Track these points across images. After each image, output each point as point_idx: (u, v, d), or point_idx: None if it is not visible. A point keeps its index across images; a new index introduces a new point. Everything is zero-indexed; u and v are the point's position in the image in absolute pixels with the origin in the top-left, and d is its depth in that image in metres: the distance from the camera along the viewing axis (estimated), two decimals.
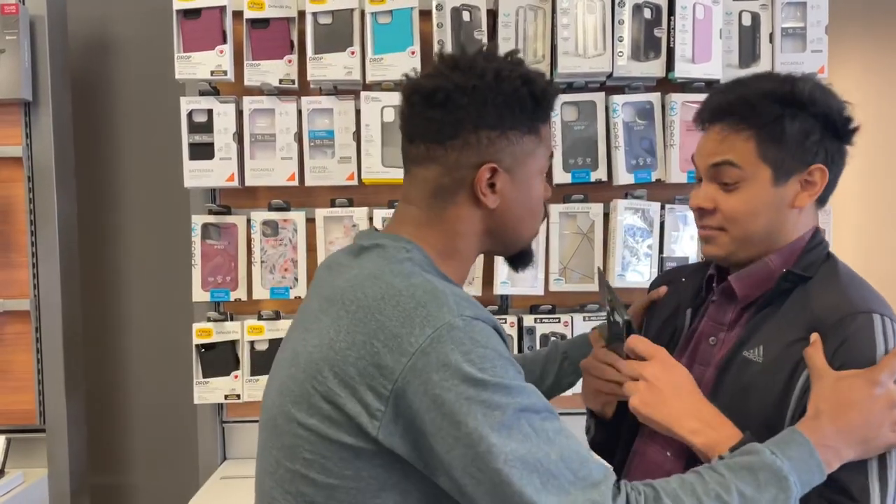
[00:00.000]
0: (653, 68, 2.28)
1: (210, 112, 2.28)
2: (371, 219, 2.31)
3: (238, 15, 2.28)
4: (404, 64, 2.23)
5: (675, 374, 1.14)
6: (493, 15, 2.29)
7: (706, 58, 2.26)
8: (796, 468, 0.99)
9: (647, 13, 2.27)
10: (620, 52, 2.25)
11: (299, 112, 2.30)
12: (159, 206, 2.72)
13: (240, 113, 2.30)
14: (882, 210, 3.02)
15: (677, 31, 2.25)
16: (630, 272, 2.31)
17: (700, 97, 2.24)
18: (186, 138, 2.27)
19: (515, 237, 1.18)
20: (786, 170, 1.16)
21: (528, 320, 2.33)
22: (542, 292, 2.32)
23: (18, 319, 2.38)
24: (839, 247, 1.76)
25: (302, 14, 2.27)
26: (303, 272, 2.31)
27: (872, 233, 3.00)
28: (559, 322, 2.33)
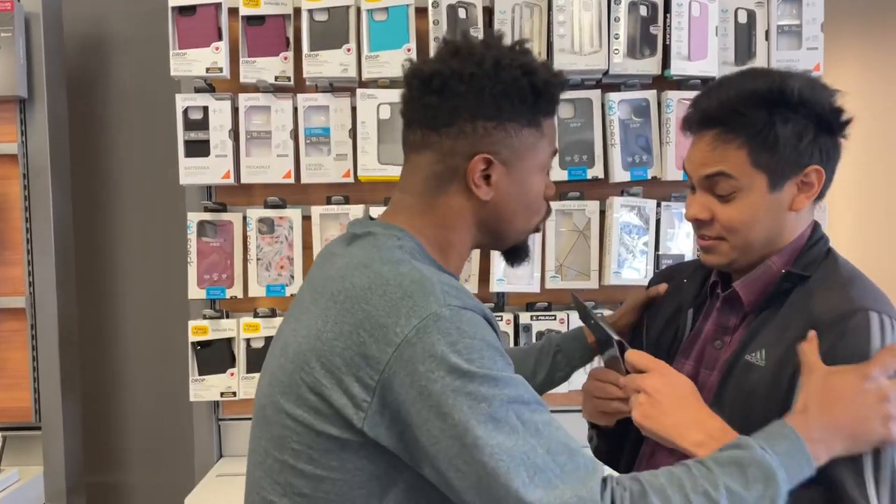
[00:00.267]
0: (649, 66, 2.28)
1: (206, 109, 2.27)
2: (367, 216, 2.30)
3: (234, 12, 2.28)
4: (400, 61, 2.21)
5: (677, 385, 1.12)
6: (489, 12, 2.29)
7: (702, 55, 2.26)
8: (785, 463, 0.98)
9: (643, 10, 2.27)
10: (616, 50, 2.25)
11: (295, 109, 2.30)
12: (155, 204, 2.72)
13: (235, 110, 2.30)
14: (878, 206, 3.03)
15: (673, 29, 2.25)
16: (626, 269, 2.31)
17: (696, 94, 2.25)
18: (182, 135, 2.27)
19: (508, 232, 1.15)
20: (781, 175, 1.13)
21: (525, 317, 2.32)
22: (539, 289, 2.32)
23: (14, 317, 2.37)
24: (836, 243, 1.76)
25: (298, 11, 2.27)
26: (299, 270, 2.31)
27: (869, 229, 3.01)
28: (555, 319, 2.32)
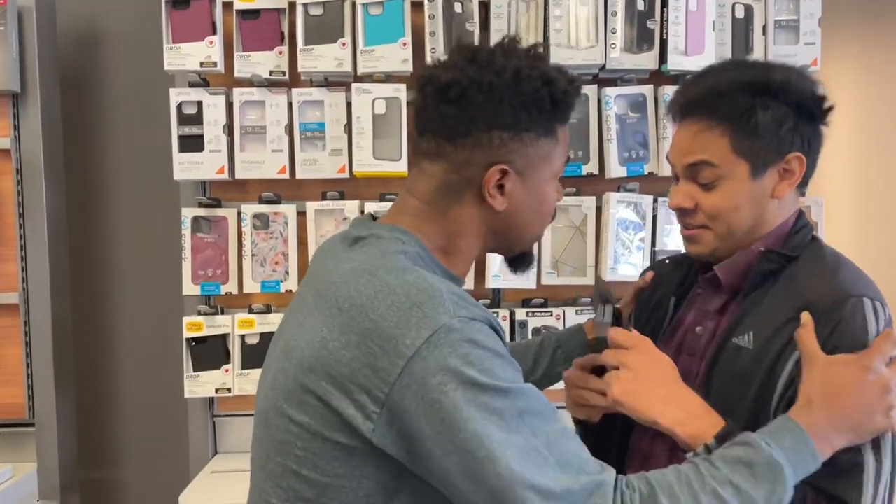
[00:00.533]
0: (646, 60, 2.27)
1: (200, 104, 2.26)
2: (362, 212, 2.29)
3: (228, 6, 2.26)
4: (395, 56, 2.21)
5: (657, 363, 1.13)
6: (485, 6, 2.27)
7: (699, 50, 2.25)
8: (791, 458, 0.98)
9: (640, 5, 2.25)
10: (613, 45, 2.24)
11: (290, 104, 2.28)
12: (149, 199, 2.70)
13: (230, 105, 2.28)
14: (876, 202, 3.02)
15: (670, 23, 2.24)
16: (622, 265, 2.30)
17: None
18: (176, 130, 2.25)
19: (519, 240, 1.15)
20: (763, 162, 1.15)
21: (521, 314, 2.32)
22: (535, 286, 2.30)
23: (7, 313, 2.36)
24: (833, 239, 1.75)
25: (292, 5, 2.25)
26: (294, 266, 2.30)
27: (866, 225, 3.00)
28: (551, 315, 2.32)
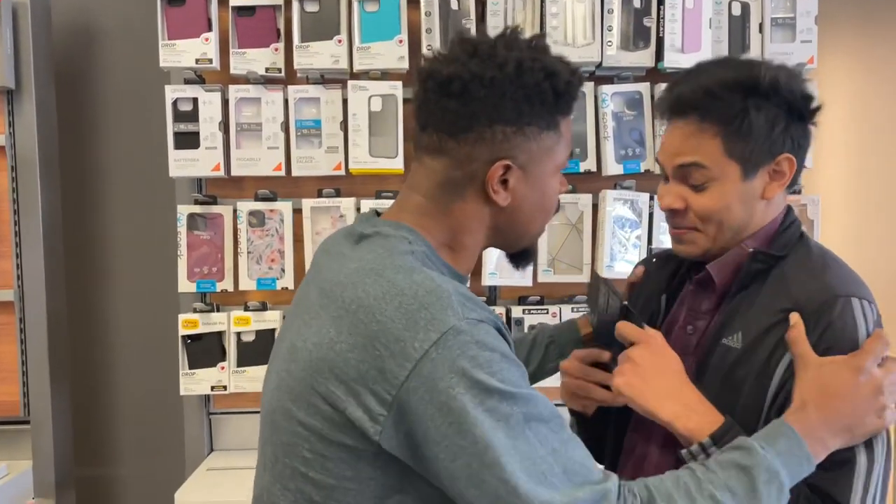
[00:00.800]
0: (642, 58, 2.27)
1: (195, 101, 2.25)
2: (358, 209, 2.29)
3: (223, 2, 2.25)
4: (392, 52, 2.21)
5: (663, 358, 1.13)
6: (482, 3, 2.27)
7: (695, 48, 2.25)
8: (786, 462, 0.99)
9: (637, 2, 2.25)
10: (609, 42, 2.24)
11: (286, 101, 2.28)
12: (145, 196, 2.70)
13: (225, 102, 2.28)
14: (871, 201, 3.02)
15: (667, 21, 2.23)
16: (619, 263, 2.30)
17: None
18: (171, 127, 2.25)
19: (523, 235, 1.14)
20: (754, 163, 1.14)
21: (517, 311, 2.31)
22: (531, 283, 2.30)
23: (2, 310, 2.36)
24: (828, 239, 1.76)
25: (288, 2, 2.25)
26: (290, 263, 2.29)
27: (862, 224, 3.00)
28: (547, 313, 2.31)
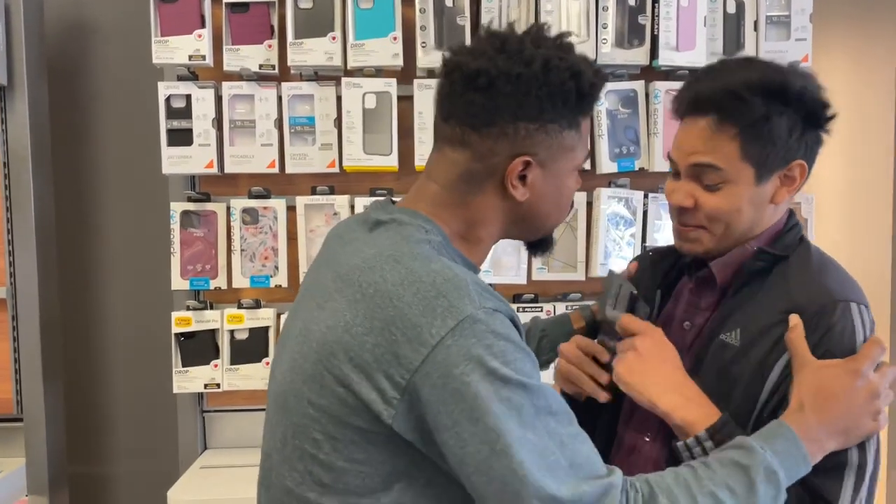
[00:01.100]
0: (637, 56, 2.26)
1: (188, 97, 2.24)
2: (353, 207, 2.28)
3: None
4: (386, 50, 2.20)
5: (664, 350, 1.15)
6: (476, 0, 2.26)
7: (690, 46, 2.25)
8: (784, 463, 1.00)
9: (632, 0, 2.25)
10: (604, 40, 2.23)
11: (279, 98, 2.27)
12: (138, 193, 2.68)
13: (219, 98, 2.26)
14: (865, 199, 3.02)
15: (661, 19, 2.23)
16: (613, 261, 2.30)
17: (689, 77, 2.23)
18: (164, 124, 2.23)
19: (537, 230, 1.15)
20: (769, 168, 1.15)
21: None
22: (525, 281, 2.31)
23: None
24: (822, 237, 1.76)
25: None
26: (283, 260, 2.29)
27: (855, 222, 3.00)
28: (542, 311, 2.32)
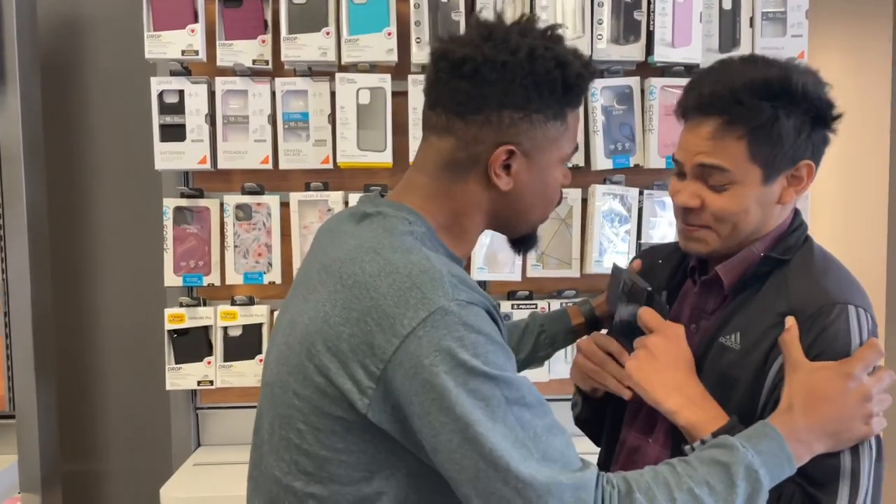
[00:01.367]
0: (632, 52, 2.25)
1: (181, 93, 2.23)
2: (347, 203, 2.27)
3: None
4: (380, 45, 2.19)
5: (677, 350, 1.14)
6: None
7: (686, 42, 2.24)
8: (766, 462, 0.99)
9: None
10: (600, 36, 2.22)
11: (273, 94, 2.25)
12: (131, 189, 2.67)
13: (212, 94, 2.25)
14: (861, 197, 3.03)
15: (657, 15, 2.22)
16: (608, 258, 2.29)
17: (679, 82, 2.22)
18: (157, 119, 2.22)
19: (522, 221, 1.16)
20: (776, 169, 1.14)
21: (506, 306, 2.31)
22: (520, 278, 2.30)
23: None
24: (817, 231, 1.76)
25: None
26: (277, 257, 2.28)
27: (851, 217, 3.01)
28: (536, 308, 2.31)
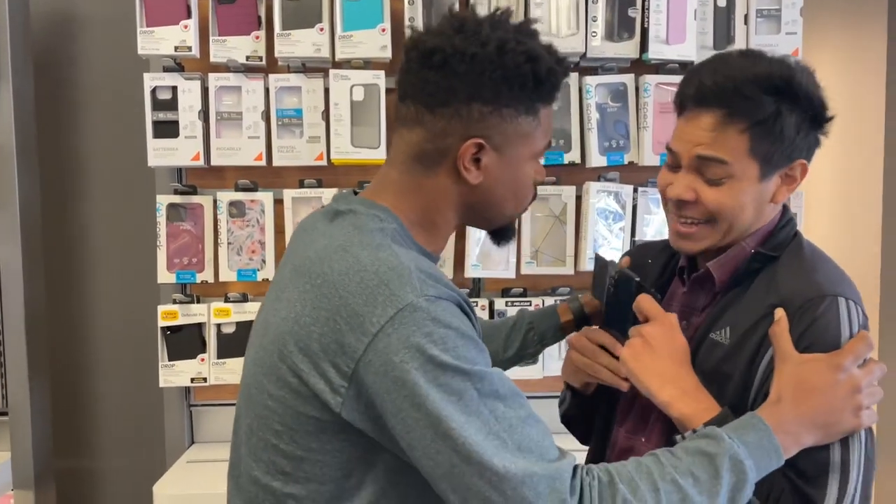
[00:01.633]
0: (627, 49, 2.25)
1: (174, 89, 2.22)
2: None
3: None
4: (374, 42, 2.18)
5: (673, 340, 1.14)
6: None
7: (680, 39, 2.24)
8: (753, 453, 0.99)
9: None
10: (594, 32, 2.22)
11: (267, 90, 2.24)
12: (124, 186, 2.66)
13: (205, 90, 2.24)
14: (855, 194, 3.03)
15: (651, 12, 2.22)
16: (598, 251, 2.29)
17: (674, 79, 2.22)
18: (150, 116, 2.21)
19: (494, 216, 1.15)
20: (774, 165, 1.14)
21: (500, 303, 2.31)
22: (514, 275, 2.30)
23: None
24: (812, 231, 1.76)
25: None
26: (270, 254, 2.27)
27: (845, 217, 3.01)
28: (530, 305, 2.31)
